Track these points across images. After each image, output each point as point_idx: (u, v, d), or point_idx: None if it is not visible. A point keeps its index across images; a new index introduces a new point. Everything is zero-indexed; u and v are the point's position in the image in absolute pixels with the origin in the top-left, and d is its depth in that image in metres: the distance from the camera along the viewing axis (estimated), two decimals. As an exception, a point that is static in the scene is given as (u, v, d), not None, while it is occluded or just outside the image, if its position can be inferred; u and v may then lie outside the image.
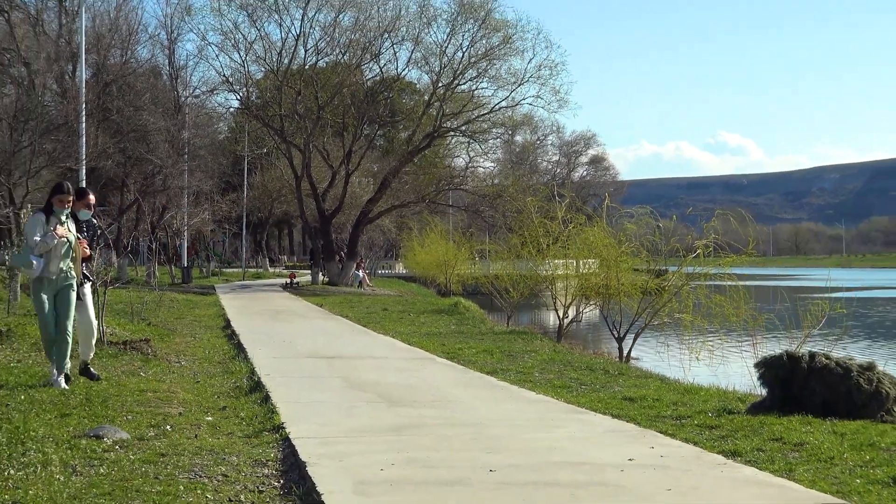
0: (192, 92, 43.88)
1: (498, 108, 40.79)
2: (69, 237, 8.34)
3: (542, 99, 40.18)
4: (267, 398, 8.43)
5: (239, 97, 42.79)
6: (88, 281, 8.99)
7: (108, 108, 32.47)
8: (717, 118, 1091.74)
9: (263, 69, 40.45)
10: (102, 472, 5.49)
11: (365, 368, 11.02)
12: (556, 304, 20.71)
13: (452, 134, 43.06)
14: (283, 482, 5.52)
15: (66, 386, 8.37)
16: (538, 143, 77.52)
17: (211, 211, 45.86)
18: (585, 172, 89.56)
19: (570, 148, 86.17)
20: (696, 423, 7.55)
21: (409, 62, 40.74)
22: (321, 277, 40.06)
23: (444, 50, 38.94)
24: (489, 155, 48.96)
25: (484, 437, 6.77)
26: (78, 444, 6.13)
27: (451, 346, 14.42)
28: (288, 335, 15.50)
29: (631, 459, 5.97)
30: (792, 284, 50.17)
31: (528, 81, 39.33)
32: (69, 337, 8.51)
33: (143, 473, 5.50)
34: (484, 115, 41.15)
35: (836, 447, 6.43)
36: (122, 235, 36.95)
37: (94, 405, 7.59)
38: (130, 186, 37.01)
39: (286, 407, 7.85)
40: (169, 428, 6.98)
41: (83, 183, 26.13)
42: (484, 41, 38.62)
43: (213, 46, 40.40)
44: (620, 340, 16.83)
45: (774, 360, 8.23)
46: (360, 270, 40.36)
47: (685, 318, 16.11)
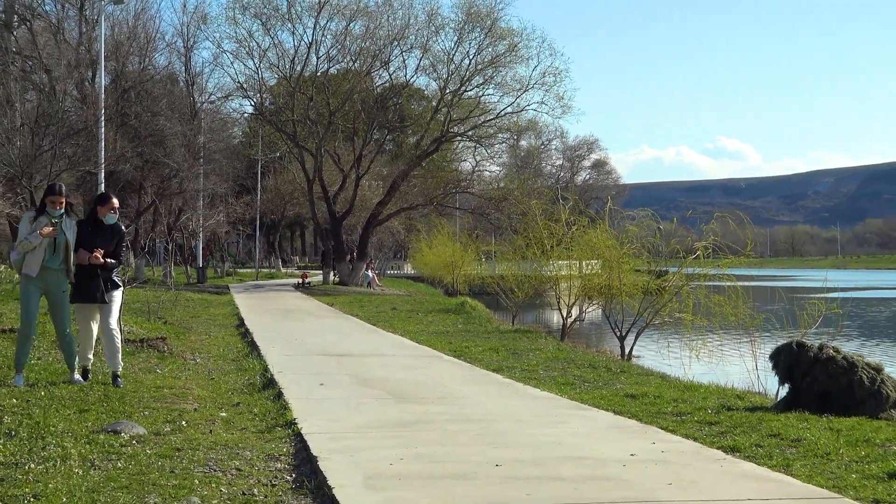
0: (207, 98, 44.00)
1: (504, 113, 40.78)
2: (59, 237, 8.23)
3: (546, 105, 40.12)
4: (279, 395, 8.50)
5: (253, 103, 42.90)
6: (117, 288, 8.72)
7: (126, 113, 32.60)
8: (716, 124, 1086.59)
9: (277, 76, 40.48)
10: (120, 466, 5.57)
11: (374, 366, 11.09)
12: (559, 303, 20.75)
13: (459, 139, 43.06)
14: (295, 476, 5.59)
15: (83, 381, 8.45)
16: (542, 147, 77.37)
17: (225, 213, 45.98)
18: (588, 176, 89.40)
19: (573, 152, 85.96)
20: (696, 419, 7.61)
21: (417, 69, 40.68)
22: (332, 277, 40.19)
23: (451, 57, 38.94)
24: (495, 159, 48.84)
25: (490, 432, 6.83)
26: (96, 438, 6.21)
27: (457, 344, 14.47)
28: (300, 333, 15.56)
29: (633, 454, 6.04)
30: (789, 285, 50.14)
31: (532, 88, 39.26)
32: (67, 336, 8.46)
33: (159, 467, 5.59)
34: (490, 120, 41.17)
35: (832, 443, 6.48)
36: (139, 237, 37.22)
37: (111, 401, 7.68)
38: (148, 189, 37.15)
39: (298, 403, 7.92)
40: (184, 423, 7.06)
41: (102, 186, 26.40)
42: (490, 49, 38.57)
43: (227, 54, 40.44)
44: (622, 339, 16.85)
45: (784, 346, 8.35)
46: (369, 271, 40.48)
47: (685, 317, 16.13)
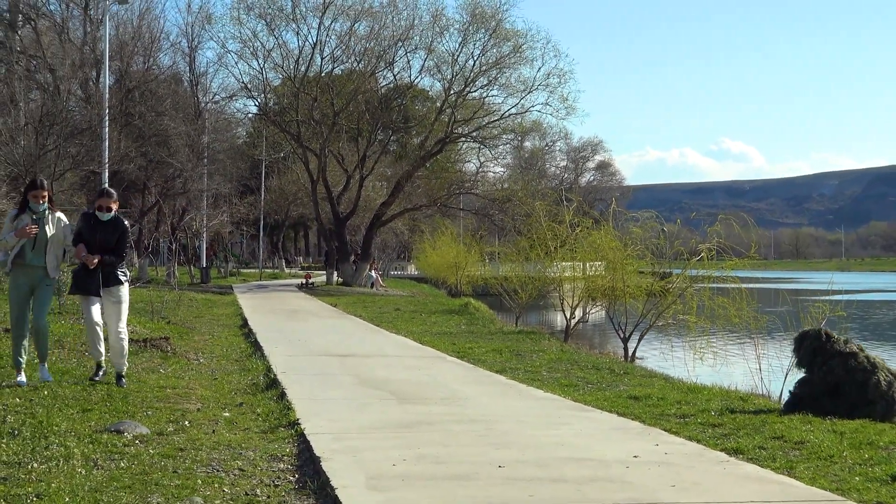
0: (211, 98, 44.01)
1: (508, 114, 40.82)
2: (41, 235, 8.18)
3: (550, 106, 40.15)
4: (283, 395, 8.51)
5: (257, 103, 42.91)
6: (121, 284, 8.57)
7: (130, 113, 32.65)
8: (720, 126, 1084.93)
9: (281, 76, 40.54)
10: (123, 465, 5.58)
11: (377, 366, 11.10)
12: (563, 305, 20.79)
13: (463, 140, 43.04)
14: (298, 476, 5.60)
15: (25, 384, 8.02)
16: (547, 148, 77.64)
17: (229, 213, 46.07)
18: (592, 177, 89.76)
19: (577, 154, 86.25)
20: (699, 421, 7.61)
21: (421, 70, 40.75)
22: (335, 278, 40.24)
23: (455, 58, 38.99)
24: (499, 160, 49.02)
25: (493, 433, 6.84)
26: (99, 438, 6.22)
27: (461, 345, 14.48)
28: (303, 334, 15.58)
29: (636, 456, 6.04)
30: (793, 287, 50.09)
31: (537, 89, 39.26)
32: (41, 328, 8.29)
33: (162, 467, 5.59)
34: (494, 121, 41.21)
35: (835, 445, 6.48)
36: (143, 236, 37.30)
37: (114, 401, 7.69)
38: (151, 189, 37.19)
39: (301, 404, 7.93)
40: (187, 423, 7.07)
41: (106, 185, 26.46)
42: (494, 50, 38.60)
43: (232, 54, 40.44)
44: (626, 341, 16.88)
45: (812, 331, 8.36)
46: (373, 271, 40.55)
47: (689, 319, 16.17)
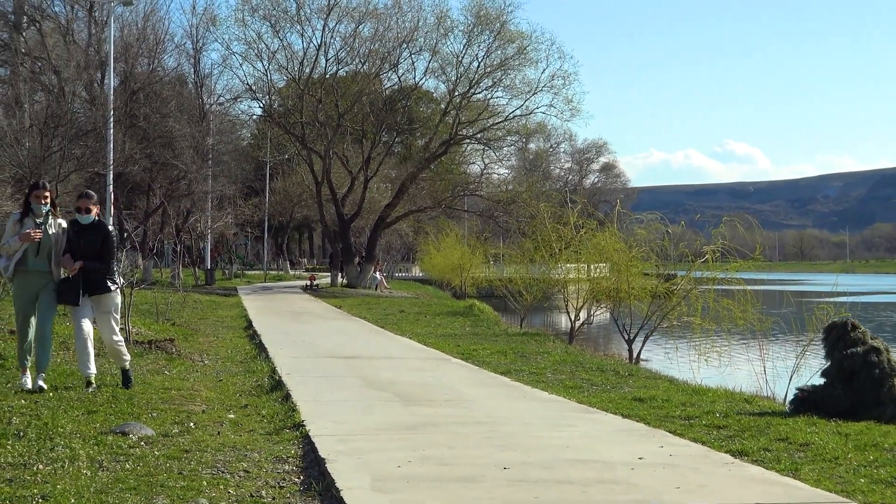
0: (216, 100, 44.16)
1: (512, 116, 41.03)
2: (44, 240, 8.13)
3: (555, 108, 40.37)
4: (287, 396, 8.51)
5: (261, 105, 43.06)
6: (107, 291, 8.35)
7: (135, 114, 32.74)
8: (724, 127, 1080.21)
9: (285, 78, 40.68)
10: (128, 467, 5.58)
11: (382, 368, 11.11)
12: (567, 306, 20.80)
13: (468, 141, 43.14)
14: (303, 478, 5.60)
15: (30, 386, 7.96)
16: (551, 150, 77.83)
17: (234, 215, 46.25)
18: (597, 179, 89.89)
19: (581, 155, 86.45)
20: (704, 423, 7.60)
21: (426, 72, 40.91)
22: (340, 280, 40.31)
23: (460, 60, 39.14)
24: (503, 162, 49.21)
25: (497, 435, 6.83)
26: (104, 440, 6.23)
27: (465, 346, 14.48)
28: (308, 336, 15.61)
29: (641, 458, 6.04)
30: (797, 289, 49.96)
31: (541, 91, 39.47)
32: (44, 336, 8.15)
33: (167, 469, 5.60)
34: (499, 123, 41.32)
35: (840, 447, 6.48)
36: (147, 238, 37.39)
37: (119, 403, 7.70)
38: (156, 191, 37.31)
39: (306, 405, 7.93)
40: (192, 425, 7.08)
41: (111, 188, 26.51)
42: (499, 52, 38.76)
43: (237, 56, 40.74)
44: (630, 342, 16.88)
45: (841, 320, 8.39)
46: (377, 273, 40.60)
47: (694, 321, 16.16)
